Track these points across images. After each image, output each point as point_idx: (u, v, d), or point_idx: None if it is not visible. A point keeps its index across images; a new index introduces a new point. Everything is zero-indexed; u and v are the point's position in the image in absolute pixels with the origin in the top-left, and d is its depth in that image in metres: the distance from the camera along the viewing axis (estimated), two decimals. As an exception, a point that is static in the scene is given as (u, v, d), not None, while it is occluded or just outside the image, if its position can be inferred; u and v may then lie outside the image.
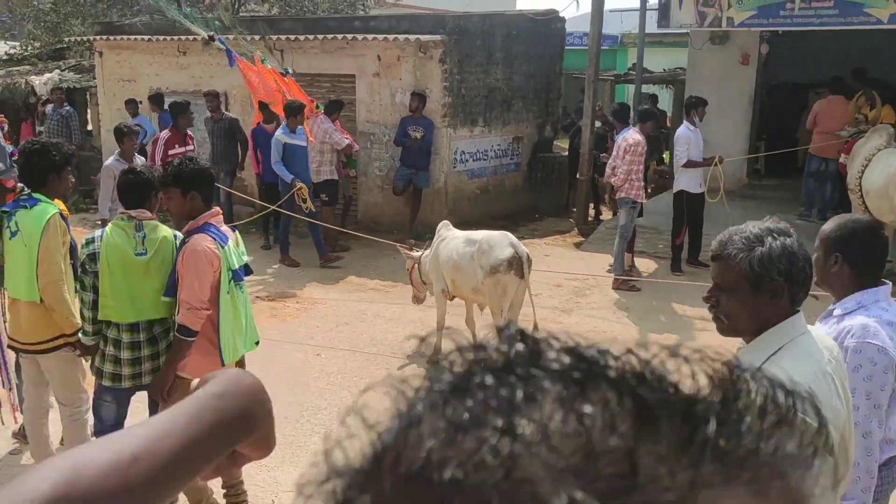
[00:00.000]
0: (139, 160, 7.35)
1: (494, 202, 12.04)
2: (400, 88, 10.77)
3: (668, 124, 15.06)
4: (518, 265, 5.55)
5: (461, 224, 10.91)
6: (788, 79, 13.11)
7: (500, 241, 5.66)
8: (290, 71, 9.63)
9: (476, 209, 11.62)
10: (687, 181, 8.64)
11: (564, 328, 2.40)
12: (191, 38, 12.00)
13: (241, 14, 13.53)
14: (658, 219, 10.57)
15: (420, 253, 6.55)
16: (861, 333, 2.38)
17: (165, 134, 8.23)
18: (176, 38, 12.07)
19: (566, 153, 13.41)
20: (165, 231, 3.97)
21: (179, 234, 3.94)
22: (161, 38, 12.29)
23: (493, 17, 12.13)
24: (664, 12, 10.64)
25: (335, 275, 8.86)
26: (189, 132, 8.46)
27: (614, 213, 12.50)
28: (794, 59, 12.79)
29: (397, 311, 7.63)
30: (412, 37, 10.42)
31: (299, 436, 5.03)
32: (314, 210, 8.89)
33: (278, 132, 8.86)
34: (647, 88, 16.45)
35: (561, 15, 13.13)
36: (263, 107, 9.36)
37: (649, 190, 14.02)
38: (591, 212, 12.25)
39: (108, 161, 7.27)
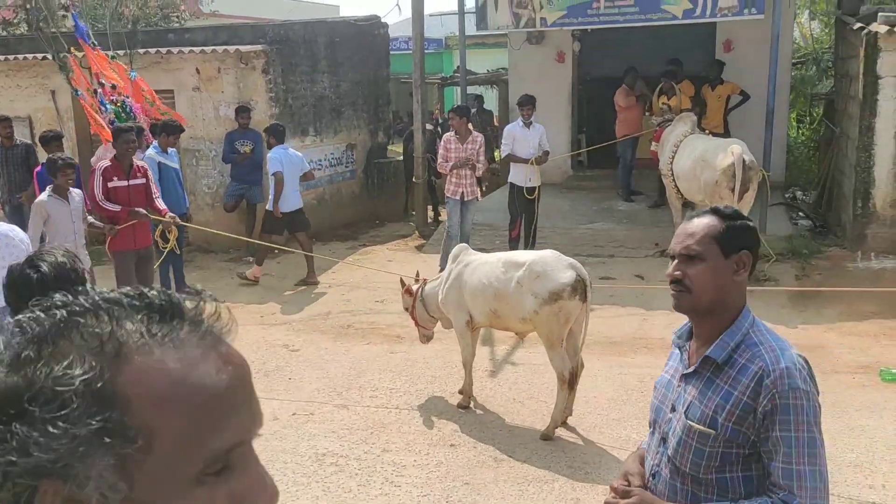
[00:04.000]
0: (76, 194, 6.49)
1: (333, 212, 11.91)
2: (223, 102, 10.39)
3: (496, 123, 15.53)
4: (582, 289, 4.83)
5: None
6: (601, 74, 13.88)
7: (557, 264, 4.90)
8: (136, 74, 9.14)
9: (315, 220, 11.39)
10: (514, 175, 8.94)
11: (410, 332, 2.36)
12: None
13: (41, 30, 12.53)
14: (493, 215, 10.86)
15: (418, 286, 5.78)
16: None
17: (104, 163, 6.86)
18: (-34, 59, 11.01)
19: (401, 158, 13.50)
20: None
21: None
22: (-52, 59, 11.16)
23: (315, 24, 11.99)
24: (481, 15, 10.95)
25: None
26: (140, 162, 7.06)
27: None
28: (605, 54, 13.55)
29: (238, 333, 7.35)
30: (231, 48, 10.09)
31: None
32: (178, 254, 7.93)
33: (149, 150, 8.00)
34: (473, 89, 16.86)
35: (383, 20, 13.21)
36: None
37: (483, 188, 14.41)
38: (431, 214, 12.39)
39: (41, 197, 6.42)
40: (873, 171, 8.45)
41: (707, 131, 9.10)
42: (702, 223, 1.94)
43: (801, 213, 10.99)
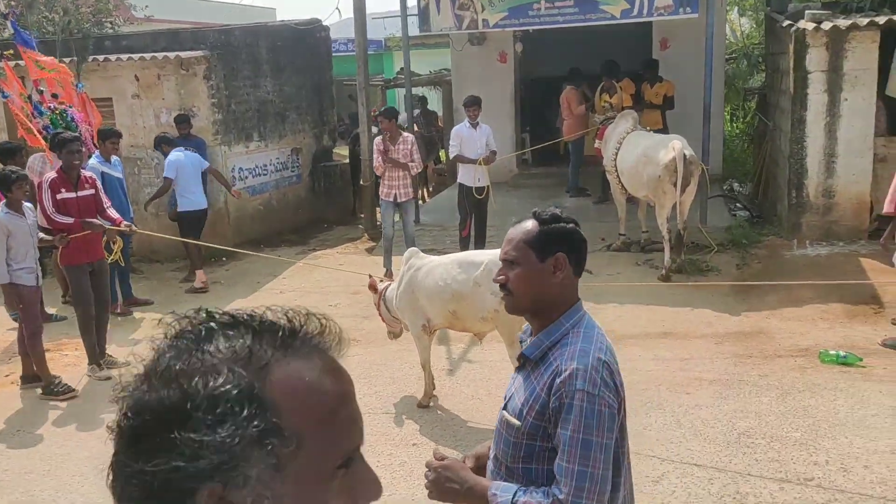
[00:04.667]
0: (28, 208, 6.21)
1: (280, 217, 11.83)
2: (164, 109, 10.24)
3: (440, 124, 15.63)
4: None
5: (248, 243, 10.67)
6: (543, 73, 14.09)
7: None
8: (83, 86, 8.87)
9: (262, 226, 11.36)
10: (463, 175, 9.01)
11: (366, 335, 2.42)
12: None
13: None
14: (442, 215, 10.95)
15: (385, 284, 5.81)
16: None
17: (50, 175, 6.54)
18: None
19: (347, 160, 13.49)
20: None
21: None
22: None
23: (257, 29, 11.90)
24: (424, 17, 11.01)
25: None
26: (87, 173, 6.81)
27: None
28: (546, 54, 13.77)
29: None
30: (171, 54, 9.96)
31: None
32: (123, 265, 7.94)
33: (92, 160, 7.84)
34: (417, 90, 16.93)
35: (324, 23, 13.16)
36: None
37: (430, 189, 14.50)
38: (379, 216, 12.40)
39: None
40: (806, 162, 8.80)
41: (648, 128, 9.33)
42: (519, 229, 2.02)
43: (738, 205, 11.36)
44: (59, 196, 6.40)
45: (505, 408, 2.02)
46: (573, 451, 1.80)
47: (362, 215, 12.44)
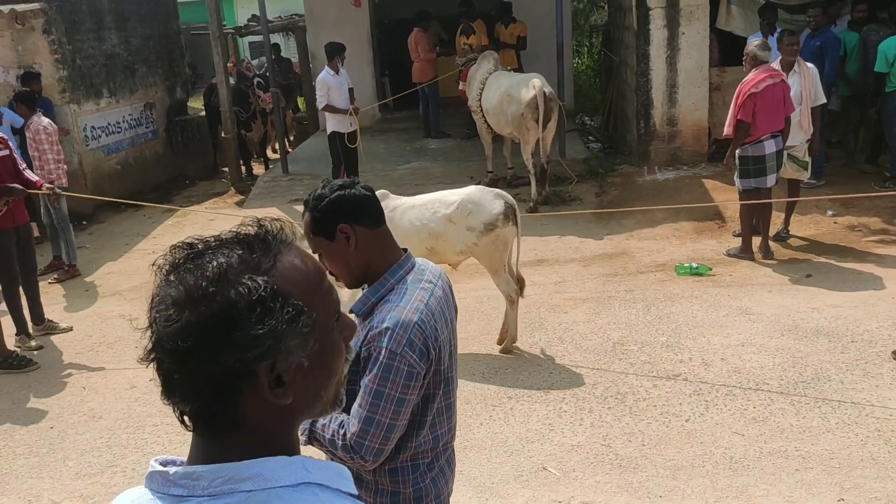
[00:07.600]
0: None
1: (139, 175, 11.39)
2: (1, 67, 9.52)
3: (297, 71, 15.37)
4: (513, 214, 5.20)
5: (108, 204, 10.22)
6: (397, 16, 14.12)
7: (485, 196, 5.22)
8: None
9: (121, 186, 10.90)
10: (335, 123, 9.04)
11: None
12: None
13: None
14: (310, 164, 10.94)
15: None
16: None
17: None
18: None
19: (203, 113, 13.08)
20: None
21: None
22: None
23: (94, -23, 11.18)
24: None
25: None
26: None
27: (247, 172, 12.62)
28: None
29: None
30: (4, 7, 9.23)
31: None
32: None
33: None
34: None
35: (166, -30, 12.54)
36: None
37: (291, 139, 14.33)
38: (243, 168, 12.19)
39: None
40: (651, 94, 9.48)
41: (509, 68, 9.69)
42: (304, 222, 2.09)
43: (591, 137, 12.05)
44: None
45: None
46: (367, 398, 1.97)
47: (225, 169, 12.18)
